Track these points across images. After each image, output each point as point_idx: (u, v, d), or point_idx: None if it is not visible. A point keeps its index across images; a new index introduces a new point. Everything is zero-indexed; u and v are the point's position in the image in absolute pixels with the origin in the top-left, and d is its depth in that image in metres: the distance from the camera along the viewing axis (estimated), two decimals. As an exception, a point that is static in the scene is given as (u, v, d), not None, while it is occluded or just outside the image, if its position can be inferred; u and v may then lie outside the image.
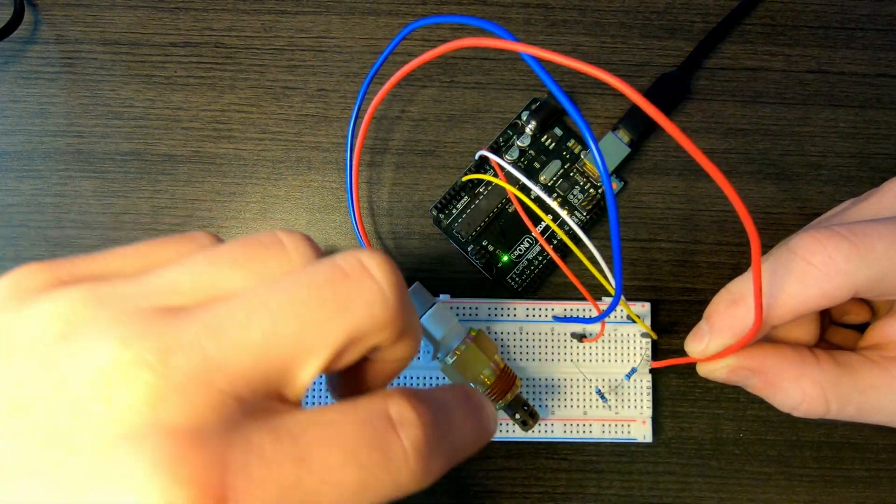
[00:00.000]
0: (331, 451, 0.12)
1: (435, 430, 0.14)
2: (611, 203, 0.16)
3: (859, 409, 0.21)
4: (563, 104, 0.15)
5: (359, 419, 0.13)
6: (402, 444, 0.13)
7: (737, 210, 0.15)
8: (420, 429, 0.13)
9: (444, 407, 0.15)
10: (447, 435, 0.15)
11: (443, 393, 0.16)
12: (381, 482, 0.13)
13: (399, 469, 0.13)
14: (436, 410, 0.14)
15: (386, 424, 0.13)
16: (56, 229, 0.28)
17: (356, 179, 0.27)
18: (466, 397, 0.16)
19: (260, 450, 0.12)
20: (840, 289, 0.20)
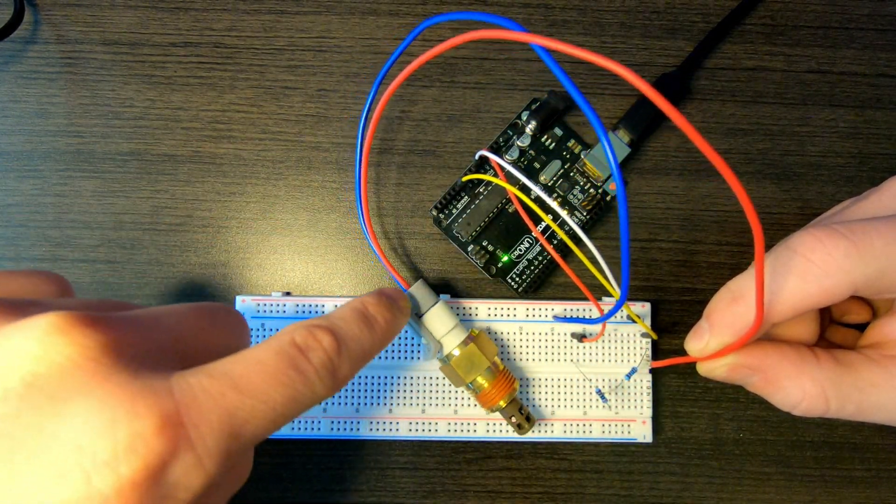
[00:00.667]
0: (257, 377, 0.16)
1: (337, 351, 0.18)
2: (621, 200, 0.16)
3: (859, 407, 0.21)
4: (573, 96, 0.15)
5: (273, 351, 0.16)
6: (310, 364, 0.17)
7: (740, 201, 0.15)
8: (321, 350, 0.17)
9: (341, 327, 0.19)
10: (349, 352, 0.18)
11: (340, 314, 0.20)
12: (302, 394, 0.16)
13: (313, 382, 0.17)
14: (333, 332, 0.18)
15: (295, 351, 0.17)
16: (56, 229, 0.28)
17: (364, 179, 0.27)
18: (362, 314, 0.20)
19: (200, 385, 0.15)
20: (839, 286, 0.20)
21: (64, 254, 0.28)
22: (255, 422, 0.15)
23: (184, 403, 0.14)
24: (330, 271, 0.29)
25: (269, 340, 0.17)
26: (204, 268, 0.29)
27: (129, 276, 0.28)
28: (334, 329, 0.18)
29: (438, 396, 0.27)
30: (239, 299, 0.27)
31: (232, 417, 0.15)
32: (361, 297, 0.21)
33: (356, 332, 0.19)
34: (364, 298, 0.21)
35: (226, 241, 0.29)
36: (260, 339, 0.27)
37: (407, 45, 0.22)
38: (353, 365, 0.19)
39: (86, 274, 0.28)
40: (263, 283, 0.28)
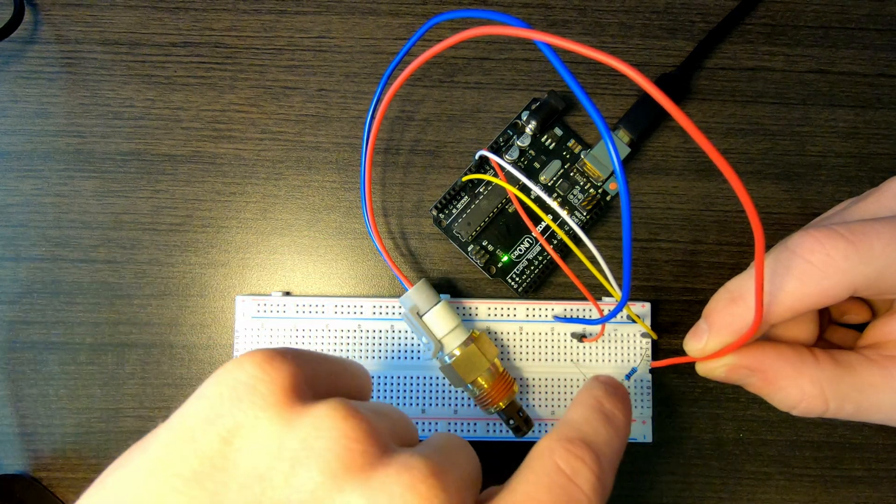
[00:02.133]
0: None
1: (599, 464, 0.17)
2: (624, 200, 0.16)
3: (858, 407, 0.21)
4: (577, 94, 0.15)
5: (545, 486, 0.16)
6: (582, 491, 0.16)
7: (742, 202, 0.15)
8: (589, 471, 0.17)
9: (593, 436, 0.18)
10: (607, 460, 0.18)
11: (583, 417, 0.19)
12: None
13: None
14: (591, 444, 0.18)
15: (564, 479, 0.16)
16: (56, 229, 0.28)
17: (369, 178, 0.27)
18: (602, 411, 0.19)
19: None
20: (838, 287, 0.20)
21: (64, 254, 0.28)
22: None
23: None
24: (330, 271, 0.29)
25: (533, 467, 0.17)
26: (204, 268, 0.29)
27: (129, 276, 0.28)
28: (589, 441, 0.18)
29: (438, 396, 0.27)
30: (239, 299, 0.27)
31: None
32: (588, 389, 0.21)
33: (606, 436, 0.19)
34: (594, 393, 0.20)
35: (226, 241, 0.29)
36: (259, 339, 0.27)
37: (414, 42, 0.22)
38: (613, 473, 0.18)
39: (86, 274, 0.28)
40: (263, 283, 0.29)
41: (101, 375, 0.28)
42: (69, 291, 0.28)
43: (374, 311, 0.27)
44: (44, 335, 0.28)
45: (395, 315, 0.27)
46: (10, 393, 0.28)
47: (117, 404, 0.28)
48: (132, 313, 0.28)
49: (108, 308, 0.28)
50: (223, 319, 0.28)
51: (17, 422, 0.28)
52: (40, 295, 0.28)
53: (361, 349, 0.27)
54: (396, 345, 0.27)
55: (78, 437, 0.28)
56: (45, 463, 0.28)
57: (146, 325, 0.28)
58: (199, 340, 0.28)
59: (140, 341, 0.28)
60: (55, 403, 0.28)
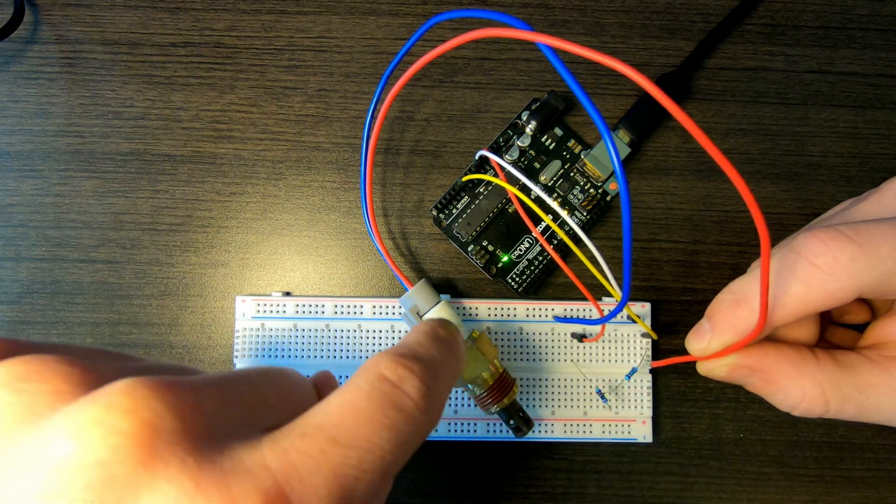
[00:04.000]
0: (356, 424, 0.14)
1: (428, 375, 0.16)
2: (624, 200, 0.16)
3: (859, 408, 0.21)
4: (577, 95, 0.15)
5: (365, 391, 0.15)
6: (409, 396, 0.15)
7: (747, 203, 0.15)
8: (417, 379, 0.16)
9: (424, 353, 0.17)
10: (438, 375, 0.17)
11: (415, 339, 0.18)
12: (405, 432, 0.15)
13: (414, 415, 0.15)
14: (421, 358, 0.17)
15: (388, 386, 0.15)
16: (56, 229, 0.28)
17: (370, 178, 0.27)
18: (435, 336, 0.19)
19: (296, 448, 0.13)
20: (844, 290, 0.19)
21: (64, 254, 0.28)
22: (366, 476, 0.14)
23: (283, 474, 0.12)
24: (330, 271, 0.29)
25: (355, 379, 0.15)
26: (204, 268, 0.29)
27: (129, 276, 0.28)
28: (419, 355, 0.17)
29: (438, 396, 0.27)
30: (239, 299, 0.27)
31: (340, 477, 0.13)
32: (424, 322, 0.20)
33: (438, 354, 0.18)
34: (429, 323, 0.20)
35: (226, 241, 0.29)
36: (259, 339, 0.27)
37: (414, 42, 0.22)
38: (446, 389, 0.17)
39: (86, 274, 0.28)
40: (263, 283, 0.29)
41: (101, 375, 0.28)
42: (69, 291, 0.28)
43: (374, 312, 0.27)
44: (44, 335, 0.28)
45: (394, 315, 0.27)
46: (10, 393, 0.28)
47: (117, 404, 0.28)
48: (132, 313, 0.28)
49: (108, 308, 0.28)
50: (223, 319, 0.28)
51: (16, 422, 0.28)
52: (40, 295, 0.28)
53: (361, 349, 0.27)
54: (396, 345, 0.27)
55: (78, 437, 0.28)
56: (45, 463, 0.28)
57: (146, 325, 0.28)
58: (199, 341, 0.28)
59: (140, 341, 0.28)
60: (55, 403, 0.28)
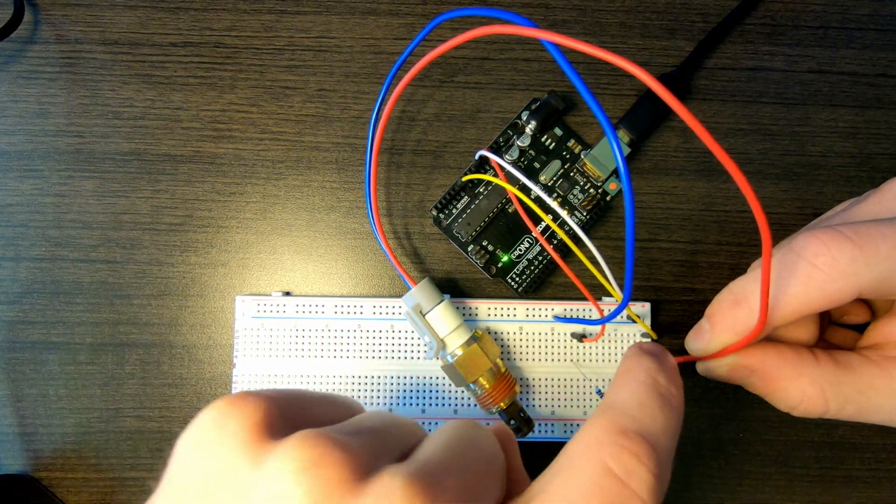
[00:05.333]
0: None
1: (657, 460, 0.14)
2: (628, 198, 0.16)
3: (858, 408, 0.21)
4: (581, 93, 0.15)
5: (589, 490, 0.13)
6: (639, 497, 0.14)
7: (750, 204, 0.15)
8: (646, 471, 0.14)
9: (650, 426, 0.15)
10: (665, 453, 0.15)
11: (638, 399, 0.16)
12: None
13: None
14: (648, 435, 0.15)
15: (616, 485, 0.14)
16: (56, 229, 0.28)
17: (374, 177, 0.27)
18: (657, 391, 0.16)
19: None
20: (843, 291, 0.19)
21: (64, 254, 0.28)
22: None
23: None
24: (330, 271, 0.29)
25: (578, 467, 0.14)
26: (204, 268, 0.29)
27: (129, 276, 0.28)
28: (645, 432, 0.15)
29: (438, 396, 0.27)
30: (239, 299, 0.27)
31: None
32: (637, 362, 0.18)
33: (663, 422, 0.16)
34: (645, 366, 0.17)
35: (226, 241, 0.29)
36: (259, 339, 0.27)
37: (419, 41, 0.22)
38: (671, 466, 0.15)
39: (86, 274, 0.28)
40: (263, 283, 0.29)
41: (101, 375, 0.28)
42: (69, 291, 0.28)
43: (374, 311, 0.27)
44: (44, 335, 0.28)
45: (395, 315, 0.27)
46: (10, 393, 0.28)
47: (117, 404, 0.28)
48: (132, 313, 0.28)
49: (108, 308, 0.28)
50: (223, 319, 0.28)
51: (17, 422, 0.28)
52: (40, 295, 0.28)
53: (361, 349, 0.27)
54: (396, 345, 0.27)
55: (78, 437, 0.28)
56: (45, 463, 0.28)
57: (146, 325, 0.28)
58: (199, 340, 0.28)
59: (140, 341, 0.28)
60: (55, 403, 0.28)
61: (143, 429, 0.28)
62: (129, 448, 0.28)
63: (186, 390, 0.28)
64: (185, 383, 0.28)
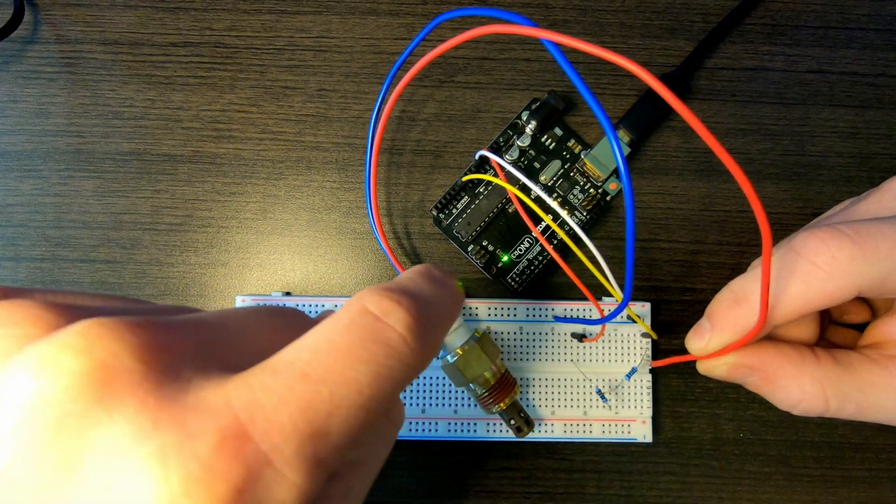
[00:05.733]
0: (329, 359, 0.13)
1: (418, 310, 0.15)
2: (628, 197, 0.16)
3: (859, 407, 0.21)
4: (581, 91, 0.15)
5: (344, 325, 0.14)
6: (393, 329, 0.14)
7: (751, 203, 0.15)
8: (403, 311, 0.14)
9: (414, 288, 0.16)
10: (430, 311, 0.15)
11: (407, 276, 0.17)
12: (389, 366, 0.14)
13: (400, 349, 0.14)
14: (408, 291, 0.15)
15: (370, 319, 0.14)
16: (56, 229, 0.28)
17: (374, 177, 0.27)
18: (429, 274, 0.17)
19: (261, 384, 0.12)
20: (843, 289, 0.19)
21: (64, 254, 0.28)
22: (340, 412, 0.13)
23: (246, 411, 0.12)
24: (330, 271, 0.29)
25: (336, 314, 0.14)
26: (204, 268, 0.29)
27: (129, 276, 0.28)
28: (409, 290, 0.15)
29: (438, 396, 0.27)
30: (239, 299, 0.27)
31: (308, 413, 0.12)
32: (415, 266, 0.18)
33: (431, 291, 0.16)
34: (424, 265, 0.18)
35: (226, 241, 0.29)
36: (260, 339, 0.27)
37: (419, 41, 0.22)
38: (438, 329, 0.16)
39: (86, 274, 0.28)
40: (263, 283, 0.28)
41: (101, 375, 0.28)
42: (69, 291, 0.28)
43: (374, 311, 0.27)
44: (44, 335, 0.28)
45: (395, 315, 0.27)
46: (10, 393, 0.28)
47: (117, 404, 0.28)
48: (132, 313, 0.28)
49: (107, 308, 0.28)
50: (223, 319, 0.28)
51: (16, 422, 0.28)
52: (40, 295, 0.28)
53: (361, 349, 0.27)
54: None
55: (78, 437, 0.28)
56: (44, 463, 0.28)
57: (146, 325, 0.28)
58: (199, 340, 0.28)
59: (140, 341, 0.28)
60: (55, 403, 0.28)
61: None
62: (129, 448, 0.28)
63: (186, 390, 0.28)
64: (184, 383, 0.28)
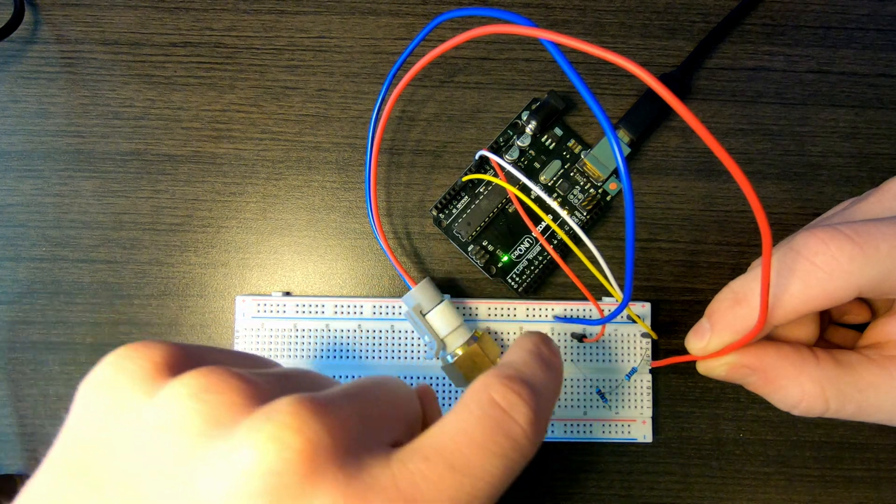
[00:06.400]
0: (469, 451, 0.15)
1: (536, 401, 0.16)
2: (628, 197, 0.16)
3: (859, 407, 0.21)
4: (581, 92, 0.15)
5: (477, 417, 0.15)
6: (518, 425, 0.16)
7: (750, 202, 0.15)
8: (526, 406, 0.16)
9: (531, 375, 0.17)
10: (544, 399, 0.17)
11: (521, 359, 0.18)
12: (514, 459, 0.15)
13: (523, 444, 0.16)
14: (529, 382, 0.17)
15: (500, 413, 0.16)
16: (56, 229, 0.28)
17: (374, 177, 0.27)
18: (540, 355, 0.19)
19: (420, 472, 0.14)
20: (843, 290, 0.19)
21: (64, 254, 0.28)
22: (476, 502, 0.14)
23: (410, 496, 0.13)
24: (330, 271, 0.29)
25: (466, 402, 0.16)
26: (204, 268, 0.29)
27: (129, 276, 0.28)
28: (526, 378, 0.17)
29: (438, 396, 0.27)
30: (239, 299, 0.27)
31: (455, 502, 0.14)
32: (524, 338, 0.20)
33: (543, 377, 0.18)
34: (533, 339, 0.20)
35: (226, 241, 0.29)
36: (259, 339, 0.27)
37: (419, 41, 0.22)
38: (550, 412, 0.18)
39: (86, 274, 0.28)
40: (263, 283, 0.29)
41: (101, 375, 0.28)
42: (69, 291, 0.28)
43: (374, 311, 0.27)
44: (44, 335, 0.28)
45: (395, 315, 0.27)
46: (10, 393, 0.28)
47: (117, 404, 0.28)
48: (132, 313, 0.28)
49: (108, 308, 0.28)
50: (223, 319, 0.28)
51: (17, 422, 0.28)
52: (40, 295, 0.28)
53: (361, 349, 0.27)
54: (396, 345, 0.27)
55: (78, 437, 0.28)
56: (44, 463, 0.28)
57: (146, 325, 0.28)
58: (199, 340, 0.28)
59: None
60: (55, 403, 0.28)
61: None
62: (129, 448, 0.28)
63: (186, 390, 0.28)
64: (185, 383, 0.28)
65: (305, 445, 0.13)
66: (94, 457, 0.14)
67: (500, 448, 0.15)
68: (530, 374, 0.17)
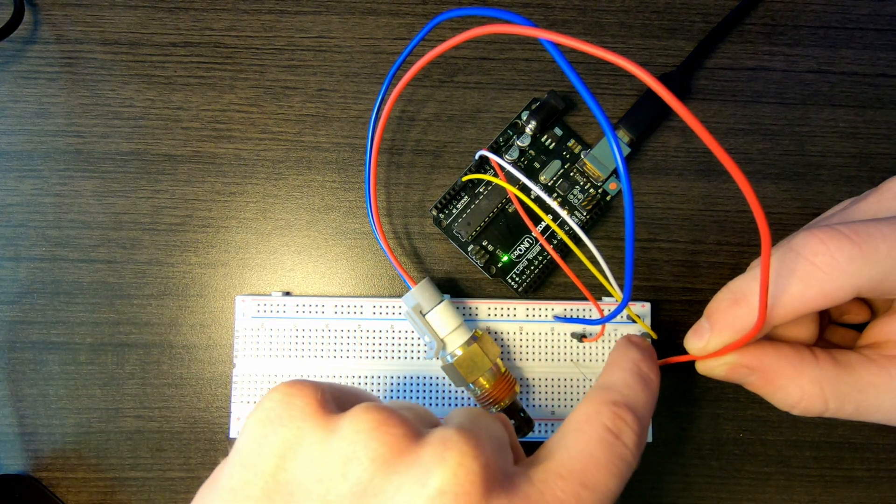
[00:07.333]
0: (596, 471, 0.18)
1: (639, 424, 0.19)
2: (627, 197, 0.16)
3: (858, 407, 0.21)
4: (580, 91, 0.15)
5: (596, 441, 0.18)
6: (626, 448, 0.19)
7: (749, 202, 0.16)
8: (631, 431, 0.19)
9: (634, 399, 0.20)
10: (645, 420, 0.20)
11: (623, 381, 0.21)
12: (626, 477, 0.18)
13: (631, 462, 0.18)
14: (632, 407, 0.20)
15: (613, 438, 0.19)
16: (56, 229, 0.28)
17: (374, 177, 0.27)
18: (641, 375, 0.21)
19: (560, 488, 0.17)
20: (842, 290, 0.19)
21: (64, 254, 0.28)
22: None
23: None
24: (330, 271, 0.29)
25: (581, 427, 0.19)
26: (204, 268, 0.29)
27: (129, 276, 0.28)
28: (630, 404, 0.20)
29: (438, 396, 0.27)
30: (239, 299, 0.27)
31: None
32: (624, 352, 0.22)
33: (644, 398, 0.21)
34: (631, 356, 0.22)
35: (226, 241, 0.29)
36: (259, 339, 0.27)
37: (419, 40, 0.22)
38: (647, 431, 0.21)
39: (86, 274, 0.28)
40: (263, 283, 0.29)
41: (101, 375, 0.28)
42: (69, 291, 0.28)
43: (374, 311, 0.27)
44: (44, 335, 0.28)
45: (395, 315, 0.27)
46: (10, 393, 0.28)
47: (117, 404, 0.28)
48: (132, 313, 0.28)
49: (108, 308, 0.28)
50: (223, 319, 0.28)
51: (17, 422, 0.28)
52: (40, 295, 0.28)
53: (361, 349, 0.27)
54: (396, 345, 0.27)
55: (78, 437, 0.28)
56: (45, 463, 0.28)
57: (146, 325, 0.28)
58: (198, 340, 0.28)
59: (140, 341, 0.28)
60: (55, 403, 0.28)
61: (143, 429, 0.28)
62: (129, 448, 0.28)
63: (186, 390, 0.28)
64: (185, 383, 0.28)
65: (483, 469, 0.16)
66: (280, 486, 0.16)
67: (616, 468, 0.18)
68: (633, 397, 0.20)
